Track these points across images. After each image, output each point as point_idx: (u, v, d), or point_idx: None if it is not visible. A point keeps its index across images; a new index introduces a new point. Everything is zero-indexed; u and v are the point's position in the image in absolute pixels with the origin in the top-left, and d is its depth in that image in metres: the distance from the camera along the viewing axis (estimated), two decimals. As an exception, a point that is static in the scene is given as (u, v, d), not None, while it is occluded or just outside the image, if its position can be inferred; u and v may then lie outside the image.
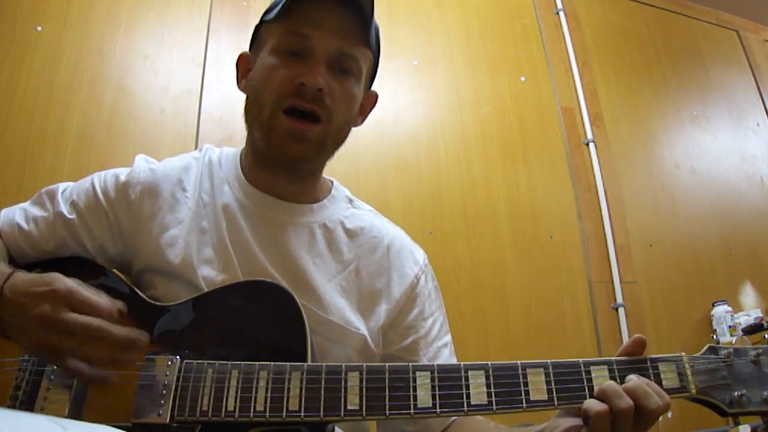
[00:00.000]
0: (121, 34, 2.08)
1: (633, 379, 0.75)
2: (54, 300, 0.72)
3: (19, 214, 0.97)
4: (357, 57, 0.96)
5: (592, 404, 0.72)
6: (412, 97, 2.47)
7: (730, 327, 2.51)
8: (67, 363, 0.73)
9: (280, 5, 0.93)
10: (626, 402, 0.71)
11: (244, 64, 1.03)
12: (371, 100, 1.09)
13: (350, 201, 1.09)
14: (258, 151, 0.98)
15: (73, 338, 0.71)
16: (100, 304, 0.73)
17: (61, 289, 0.73)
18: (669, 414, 2.23)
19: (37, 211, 0.97)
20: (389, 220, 1.12)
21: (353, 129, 1.03)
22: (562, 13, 2.94)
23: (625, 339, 2.33)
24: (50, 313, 0.71)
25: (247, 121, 0.99)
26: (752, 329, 2.47)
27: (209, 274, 0.91)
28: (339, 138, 0.98)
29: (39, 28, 1.97)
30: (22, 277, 0.77)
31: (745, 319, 2.58)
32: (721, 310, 2.56)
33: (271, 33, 0.96)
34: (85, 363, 0.72)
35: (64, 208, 0.96)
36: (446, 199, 2.33)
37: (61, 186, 1.00)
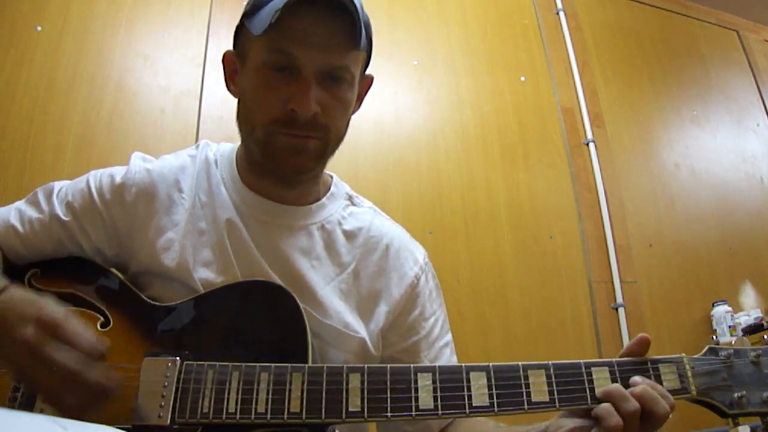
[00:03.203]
0: (121, 34, 2.07)
1: (638, 383, 0.74)
2: (39, 327, 0.71)
3: (14, 215, 0.95)
4: (347, 65, 0.91)
5: (607, 415, 0.72)
6: (412, 97, 2.47)
7: (730, 327, 2.51)
8: (40, 392, 0.72)
9: (263, 21, 0.86)
10: (633, 405, 0.71)
11: (230, 65, 0.99)
12: (366, 84, 1.05)
13: (350, 198, 1.08)
14: (256, 159, 0.96)
15: (49, 372, 0.69)
16: (82, 343, 0.71)
17: (47, 318, 0.71)
18: (670, 414, 2.23)
19: (32, 213, 0.95)
20: (389, 217, 1.11)
21: (352, 126, 1.02)
22: (562, 13, 2.93)
23: (626, 339, 2.33)
24: (33, 340, 0.70)
25: (240, 131, 0.97)
26: (752, 329, 2.47)
27: (208, 276, 0.91)
28: (339, 142, 0.96)
29: (39, 28, 1.97)
30: (16, 293, 0.76)
31: (745, 319, 2.58)
32: (721, 310, 2.56)
33: (253, 46, 0.91)
34: (56, 397, 0.71)
35: (60, 210, 0.95)
36: (446, 199, 2.33)
37: (57, 185, 0.99)
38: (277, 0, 0.85)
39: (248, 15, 0.92)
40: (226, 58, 1.00)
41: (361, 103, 1.05)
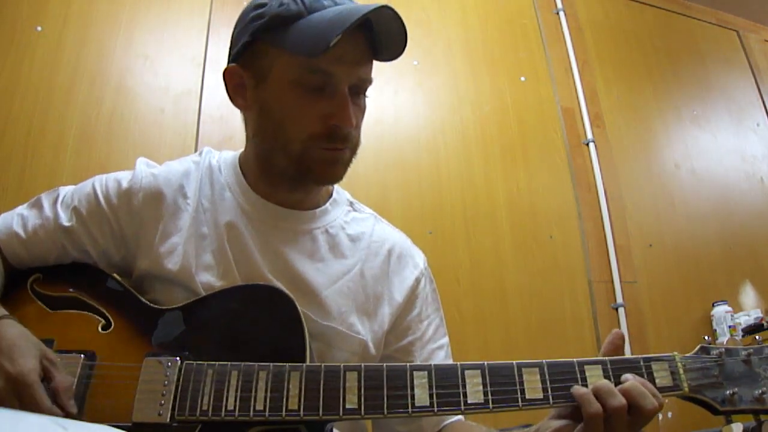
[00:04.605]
0: (121, 34, 2.08)
1: (629, 379, 0.75)
2: (8, 384, 0.72)
3: (17, 221, 0.96)
4: (371, 77, 0.95)
5: (588, 404, 0.73)
6: (412, 97, 2.47)
7: (730, 327, 2.51)
8: None
9: (312, 42, 0.85)
10: (619, 401, 0.72)
11: (235, 80, 0.96)
12: None
13: (351, 204, 1.09)
14: (281, 171, 0.95)
15: None
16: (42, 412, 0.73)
17: (16, 379, 0.72)
18: (669, 414, 2.23)
19: (36, 219, 0.96)
20: (390, 223, 1.12)
21: None
22: (562, 13, 2.94)
23: (626, 339, 2.33)
24: (1, 394, 0.72)
25: (262, 145, 0.96)
26: (752, 329, 2.47)
27: (208, 280, 0.92)
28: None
29: (39, 28, 1.98)
30: (4, 331, 0.77)
31: (745, 319, 2.58)
32: (721, 310, 2.56)
33: (278, 62, 0.90)
34: None
35: (64, 216, 0.95)
36: (446, 199, 2.33)
37: (62, 191, 0.99)
38: (318, 20, 0.86)
39: (265, 30, 0.90)
40: (229, 74, 0.96)
41: None
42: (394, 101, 2.42)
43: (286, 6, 0.88)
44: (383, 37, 0.91)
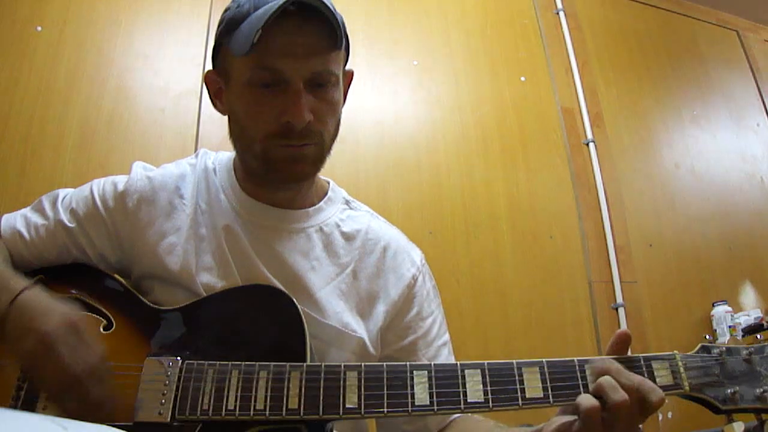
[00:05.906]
0: (121, 34, 2.08)
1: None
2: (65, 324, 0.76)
3: (20, 221, 0.97)
4: (331, 68, 0.91)
5: (584, 399, 0.73)
6: (412, 97, 2.47)
7: (730, 327, 2.51)
8: (46, 389, 0.78)
9: (243, 41, 0.85)
10: (621, 396, 0.72)
11: (213, 84, 1.00)
12: (348, 80, 1.04)
13: (347, 202, 1.09)
14: (254, 172, 0.97)
15: (59, 372, 0.74)
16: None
17: (38, 345, 0.75)
18: (669, 414, 2.23)
19: (37, 219, 0.97)
20: (387, 220, 1.12)
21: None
22: (562, 13, 2.94)
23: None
24: (35, 354, 0.75)
25: (235, 147, 0.98)
26: (752, 329, 2.47)
27: (209, 281, 0.92)
28: (333, 141, 0.97)
29: (39, 28, 1.98)
30: (31, 298, 0.80)
31: (745, 319, 2.58)
32: (721, 310, 2.56)
33: (235, 65, 0.91)
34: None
35: (64, 216, 0.96)
36: (446, 199, 2.33)
37: (61, 193, 1.01)
38: (253, 18, 0.85)
39: (224, 34, 0.92)
40: (208, 78, 1.00)
41: (345, 98, 1.05)
42: (394, 101, 2.41)
43: (240, 7, 0.89)
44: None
